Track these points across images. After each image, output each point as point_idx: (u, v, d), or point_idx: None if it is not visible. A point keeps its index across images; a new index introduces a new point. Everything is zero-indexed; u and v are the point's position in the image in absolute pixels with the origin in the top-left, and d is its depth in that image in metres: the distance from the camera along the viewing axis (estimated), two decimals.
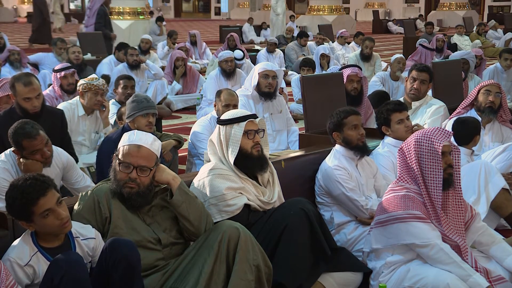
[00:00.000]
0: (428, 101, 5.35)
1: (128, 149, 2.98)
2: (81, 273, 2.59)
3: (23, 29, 28.95)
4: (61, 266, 2.55)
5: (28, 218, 2.66)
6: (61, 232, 2.74)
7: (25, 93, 4.44)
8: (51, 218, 2.66)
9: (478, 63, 8.31)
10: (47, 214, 2.64)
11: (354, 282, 3.45)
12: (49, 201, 2.64)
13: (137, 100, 4.45)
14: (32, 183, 2.65)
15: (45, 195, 2.64)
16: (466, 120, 4.66)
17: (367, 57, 10.16)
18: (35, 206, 2.62)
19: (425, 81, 5.32)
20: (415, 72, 5.37)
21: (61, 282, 2.52)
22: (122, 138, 3.05)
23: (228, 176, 3.34)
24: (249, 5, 36.87)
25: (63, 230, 2.72)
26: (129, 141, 3.00)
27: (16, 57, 9.43)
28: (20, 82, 4.46)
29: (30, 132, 3.64)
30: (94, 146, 5.39)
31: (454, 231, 3.25)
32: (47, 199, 2.64)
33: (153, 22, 19.78)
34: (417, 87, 5.31)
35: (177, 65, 9.43)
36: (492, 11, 33.60)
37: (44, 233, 2.72)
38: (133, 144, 2.98)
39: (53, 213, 2.65)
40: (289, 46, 13.18)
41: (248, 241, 2.97)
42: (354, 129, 3.87)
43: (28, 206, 2.62)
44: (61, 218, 2.67)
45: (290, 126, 5.82)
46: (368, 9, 37.34)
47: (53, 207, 2.65)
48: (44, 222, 2.66)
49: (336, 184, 3.81)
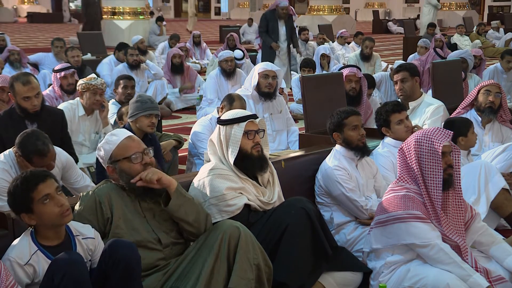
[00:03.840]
0: (425, 100, 5.34)
1: (123, 144, 3.01)
2: (81, 273, 2.58)
3: (23, 29, 28.95)
4: (61, 265, 2.55)
5: (28, 208, 2.67)
6: (61, 222, 2.72)
7: (24, 92, 4.43)
8: (51, 205, 2.67)
9: (477, 63, 8.31)
10: (46, 199, 2.66)
11: (354, 282, 3.45)
12: (48, 187, 2.68)
13: (141, 100, 4.47)
14: (33, 172, 2.73)
15: (44, 181, 2.68)
16: (453, 121, 4.64)
17: (367, 57, 10.15)
18: (35, 192, 2.65)
19: (405, 79, 5.30)
20: (394, 75, 5.44)
21: (61, 281, 2.52)
22: (104, 148, 3.04)
23: (228, 176, 3.34)
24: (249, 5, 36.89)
25: (64, 219, 2.71)
26: (116, 141, 3.02)
27: (16, 57, 9.43)
28: (19, 81, 4.45)
29: (42, 149, 3.64)
30: (94, 146, 5.38)
31: (454, 231, 3.25)
32: (47, 185, 2.68)
33: (153, 22, 19.78)
34: (400, 87, 5.31)
35: (174, 62, 9.45)
36: (492, 11, 33.62)
37: (44, 226, 2.71)
38: (123, 138, 3.03)
39: (53, 200, 2.68)
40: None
41: (249, 240, 2.97)
42: (355, 129, 3.87)
43: (28, 193, 2.65)
44: (61, 205, 2.68)
45: (290, 126, 5.83)
46: (368, 9, 37.36)
47: (52, 193, 2.68)
48: (44, 210, 2.66)
49: (336, 184, 3.81)
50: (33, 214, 2.68)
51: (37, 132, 3.73)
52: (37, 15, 37.12)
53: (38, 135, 3.67)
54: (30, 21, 35.81)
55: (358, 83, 5.61)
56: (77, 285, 2.55)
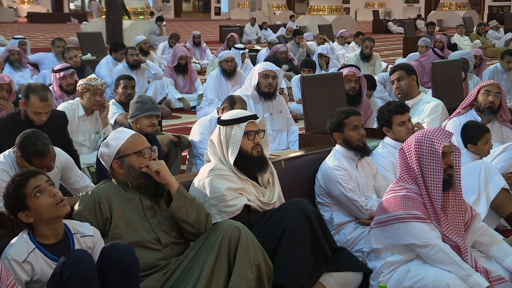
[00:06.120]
0: (423, 98, 5.34)
1: (133, 139, 3.06)
2: (89, 271, 2.59)
3: (23, 29, 28.95)
4: (70, 263, 2.56)
5: (23, 204, 2.68)
6: (58, 214, 2.72)
7: (38, 108, 4.37)
8: (44, 197, 2.69)
9: (478, 63, 8.31)
10: (38, 191, 2.69)
11: (354, 282, 3.45)
12: (39, 180, 2.71)
13: (142, 101, 4.46)
14: (24, 170, 2.81)
15: (35, 176, 2.73)
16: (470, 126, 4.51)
17: (367, 57, 10.16)
18: (26, 186, 2.69)
19: (401, 77, 5.31)
20: (391, 76, 5.44)
21: (69, 279, 2.54)
22: (111, 144, 3.06)
23: (228, 176, 3.34)
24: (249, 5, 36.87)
25: (59, 209, 2.72)
26: (124, 136, 3.07)
27: (16, 57, 9.43)
28: (36, 95, 4.36)
29: (42, 150, 3.63)
30: (94, 146, 5.39)
31: (454, 231, 3.25)
32: (37, 179, 2.72)
33: (153, 22, 19.78)
34: (397, 86, 5.32)
35: (180, 63, 9.45)
36: (492, 11, 33.62)
37: (42, 221, 2.71)
38: (131, 134, 3.09)
39: (45, 191, 2.71)
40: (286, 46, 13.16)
41: (249, 240, 2.97)
42: (355, 129, 3.87)
43: (20, 189, 2.68)
44: (53, 195, 2.71)
45: (290, 126, 5.82)
46: (368, 9, 37.36)
47: (43, 184, 2.71)
48: (38, 203, 2.68)
49: (336, 185, 3.81)
50: (29, 210, 2.69)
51: (37, 132, 3.72)
52: (37, 15, 37.15)
53: (38, 136, 3.67)
54: (30, 21, 35.83)
55: (357, 82, 5.61)
56: (85, 282, 2.56)
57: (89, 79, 5.36)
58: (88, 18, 30.52)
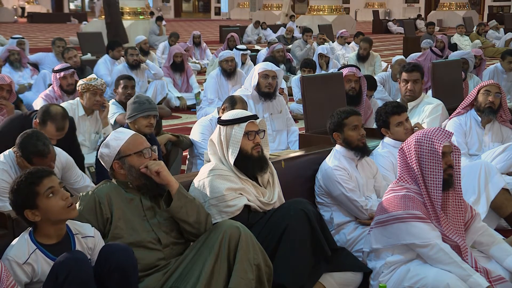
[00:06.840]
0: (424, 99, 5.34)
1: (133, 139, 3.06)
2: (86, 272, 2.59)
3: (23, 29, 28.95)
4: (66, 264, 2.56)
5: (32, 203, 2.67)
6: (67, 216, 2.73)
7: (53, 136, 4.18)
8: (56, 199, 2.69)
9: (478, 63, 8.31)
10: (51, 192, 2.68)
11: (354, 282, 3.46)
12: (52, 181, 2.72)
13: (139, 101, 4.46)
14: (37, 168, 2.79)
15: (49, 176, 2.73)
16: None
17: (362, 58, 10.21)
18: (40, 185, 2.68)
19: (417, 80, 5.30)
20: (405, 74, 5.34)
21: (65, 280, 2.53)
22: (111, 144, 3.06)
23: (228, 176, 3.34)
24: (249, 5, 36.90)
25: (70, 212, 2.73)
26: (125, 137, 3.07)
27: (16, 57, 9.43)
28: (54, 124, 4.20)
29: (42, 150, 3.62)
30: (94, 146, 5.40)
31: (453, 231, 3.25)
32: (51, 179, 2.72)
33: (153, 22, 19.79)
34: (411, 88, 5.29)
35: (175, 60, 9.45)
36: (492, 11, 33.62)
37: (48, 222, 2.71)
38: (131, 135, 3.09)
39: (57, 193, 2.71)
40: (295, 43, 13.16)
41: (249, 240, 2.97)
42: (355, 129, 3.87)
43: (33, 187, 2.67)
44: (66, 198, 2.71)
45: (290, 126, 5.82)
46: (368, 9, 37.37)
47: (56, 186, 2.71)
48: (49, 203, 2.68)
49: (336, 185, 3.81)
50: (37, 209, 2.68)
51: (37, 132, 3.71)
52: (37, 15, 37.16)
53: (38, 136, 3.66)
54: (30, 21, 35.84)
55: (357, 82, 5.60)
56: (81, 284, 2.56)
57: (89, 79, 5.36)
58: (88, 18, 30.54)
